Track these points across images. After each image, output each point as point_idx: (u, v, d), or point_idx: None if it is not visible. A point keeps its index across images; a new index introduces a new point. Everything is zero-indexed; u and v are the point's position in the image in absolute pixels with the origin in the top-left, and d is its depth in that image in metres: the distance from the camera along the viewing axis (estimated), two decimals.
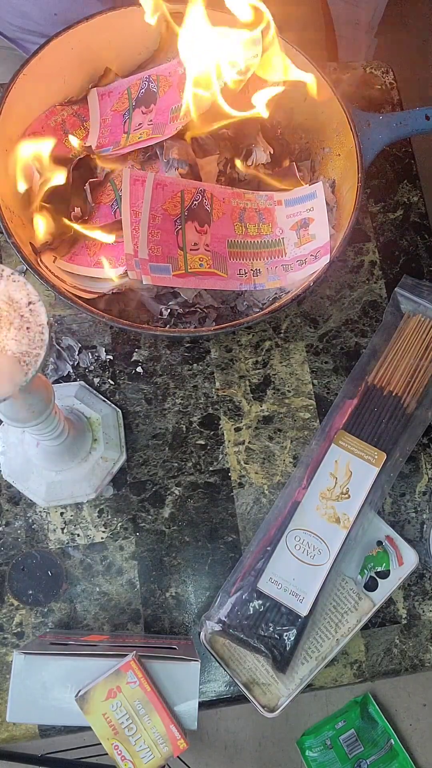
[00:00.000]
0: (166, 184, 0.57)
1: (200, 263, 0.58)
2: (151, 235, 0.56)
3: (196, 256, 0.58)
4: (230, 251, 0.60)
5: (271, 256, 0.61)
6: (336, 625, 0.55)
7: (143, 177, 0.57)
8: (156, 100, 0.61)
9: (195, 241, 0.58)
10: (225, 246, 0.60)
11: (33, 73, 0.57)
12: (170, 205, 0.58)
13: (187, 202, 0.58)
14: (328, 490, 0.55)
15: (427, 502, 0.61)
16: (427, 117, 0.60)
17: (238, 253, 0.60)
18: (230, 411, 0.62)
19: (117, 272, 0.56)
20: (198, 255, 0.58)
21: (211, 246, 0.59)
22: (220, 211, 0.60)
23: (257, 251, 0.61)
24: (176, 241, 0.58)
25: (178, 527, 0.59)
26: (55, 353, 0.62)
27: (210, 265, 0.58)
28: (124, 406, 0.61)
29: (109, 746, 0.45)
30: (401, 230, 0.69)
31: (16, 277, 0.35)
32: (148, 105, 0.62)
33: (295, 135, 0.66)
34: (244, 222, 0.61)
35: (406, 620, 0.58)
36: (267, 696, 0.53)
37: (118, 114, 0.63)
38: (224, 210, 0.60)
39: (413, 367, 0.59)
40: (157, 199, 0.57)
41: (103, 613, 0.57)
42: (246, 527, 0.59)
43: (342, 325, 0.65)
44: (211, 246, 0.59)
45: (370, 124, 0.60)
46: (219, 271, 0.59)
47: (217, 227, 0.60)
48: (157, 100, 0.61)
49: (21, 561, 0.57)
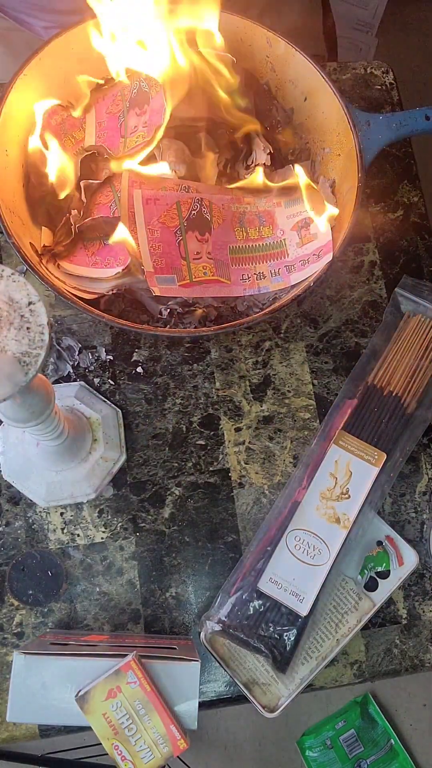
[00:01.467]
0: (158, 198, 0.57)
1: (204, 272, 0.58)
2: (152, 248, 0.56)
3: (200, 264, 0.58)
4: (232, 257, 0.60)
5: (273, 257, 0.61)
6: (336, 625, 0.55)
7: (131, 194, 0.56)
8: (149, 100, 0.61)
9: (197, 250, 0.59)
10: (226, 252, 0.60)
11: (33, 73, 0.57)
12: (167, 218, 0.58)
13: (185, 212, 0.58)
14: (328, 490, 0.55)
15: (427, 502, 0.61)
16: (427, 117, 0.60)
17: (240, 258, 0.60)
18: (230, 411, 0.62)
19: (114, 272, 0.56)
20: (201, 264, 0.58)
21: (213, 254, 0.59)
22: (220, 217, 0.60)
23: (259, 254, 0.61)
24: (179, 252, 0.58)
25: (178, 527, 0.59)
26: (56, 353, 0.62)
27: (213, 273, 0.58)
28: (124, 406, 0.61)
29: (109, 746, 0.45)
30: (401, 230, 0.69)
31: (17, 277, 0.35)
32: (141, 106, 0.61)
33: (295, 135, 0.66)
34: (244, 226, 0.61)
35: (406, 620, 0.58)
36: (267, 696, 0.53)
37: (114, 117, 0.62)
38: (224, 216, 0.60)
39: (413, 367, 0.59)
40: (151, 213, 0.57)
41: (103, 613, 0.57)
42: (246, 527, 0.59)
43: (342, 325, 0.65)
44: (213, 254, 0.59)
45: (370, 124, 0.60)
46: (222, 278, 0.59)
47: (218, 234, 0.60)
48: (150, 100, 0.61)
49: (21, 561, 0.57)
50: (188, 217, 0.58)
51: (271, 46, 0.61)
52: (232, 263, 0.60)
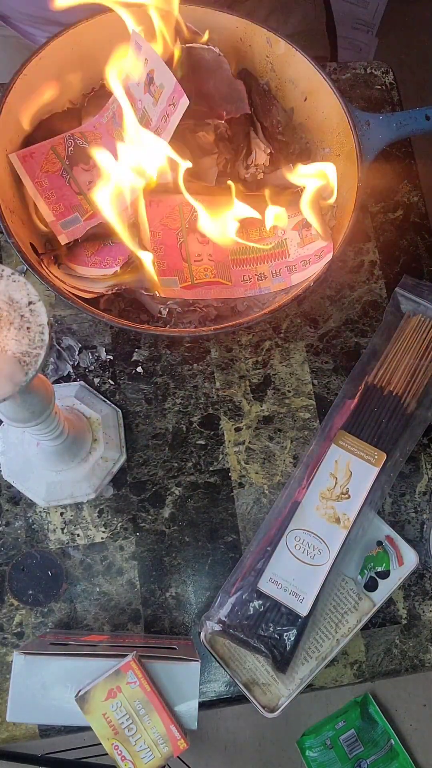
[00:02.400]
0: (161, 201, 0.57)
1: (205, 273, 0.58)
2: (155, 250, 0.56)
3: (201, 266, 0.58)
4: (233, 259, 0.60)
5: (274, 258, 0.61)
6: (336, 625, 0.55)
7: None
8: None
9: (198, 252, 0.59)
10: (227, 254, 0.60)
11: (33, 73, 0.57)
12: (169, 220, 0.58)
13: (187, 214, 0.58)
14: (328, 490, 0.55)
15: (427, 502, 0.61)
16: (427, 117, 0.60)
17: (241, 260, 0.60)
18: (230, 411, 0.62)
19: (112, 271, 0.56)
20: (202, 266, 0.58)
21: (213, 255, 0.59)
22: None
23: (260, 255, 0.61)
24: (180, 254, 0.58)
25: (178, 527, 0.59)
26: (56, 353, 0.62)
27: (214, 275, 0.58)
28: (124, 406, 0.61)
29: (109, 746, 0.45)
30: (401, 230, 0.69)
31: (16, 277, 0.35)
32: (86, 161, 0.60)
33: (295, 135, 0.66)
34: (245, 227, 0.61)
35: (406, 620, 0.58)
36: (267, 696, 0.53)
37: (54, 175, 0.59)
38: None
39: (413, 367, 0.59)
40: (153, 215, 0.57)
41: (103, 613, 0.57)
42: (246, 527, 0.59)
43: (342, 325, 0.65)
44: (214, 255, 0.59)
45: (370, 124, 0.59)
46: (223, 279, 0.59)
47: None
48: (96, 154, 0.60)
49: (21, 561, 0.57)
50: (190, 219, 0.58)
51: (271, 46, 0.61)
52: (233, 264, 0.60)
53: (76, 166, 0.60)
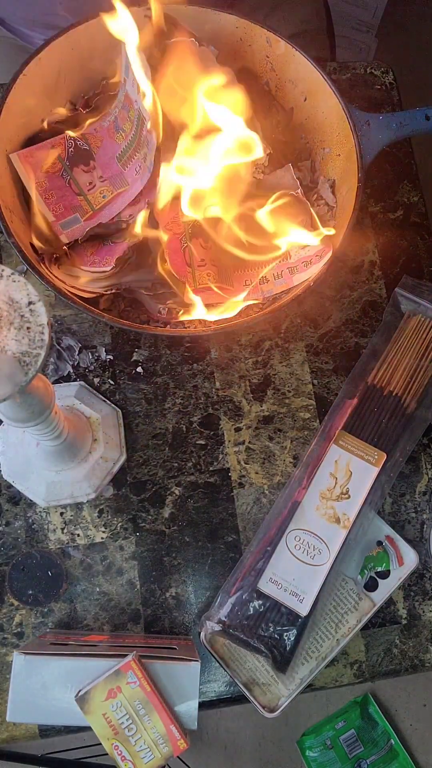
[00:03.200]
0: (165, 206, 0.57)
1: (208, 278, 0.58)
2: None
3: (204, 271, 0.58)
4: (234, 264, 0.60)
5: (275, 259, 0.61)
6: (336, 625, 0.55)
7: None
8: (93, 156, 0.60)
9: (202, 257, 0.59)
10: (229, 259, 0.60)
11: (33, 73, 0.57)
12: (173, 225, 0.57)
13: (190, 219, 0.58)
14: (328, 490, 0.55)
15: (427, 502, 0.61)
16: (427, 117, 0.60)
17: (243, 264, 0.60)
18: (230, 411, 0.62)
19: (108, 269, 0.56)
20: (206, 271, 0.58)
21: (216, 260, 0.59)
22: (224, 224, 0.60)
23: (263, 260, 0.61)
24: (184, 259, 0.58)
25: (178, 527, 0.59)
26: (56, 353, 0.62)
27: (216, 280, 0.58)
28: (124, 406, 0.61)
29: (109, 746, 0.45)
30: (401, 230, 0.69)
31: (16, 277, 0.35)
32: (87, 162, 0.60)
33: (295, 135, 0.66)
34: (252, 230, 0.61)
35: (406, 620, 0.58)
36: (267, 696, 0.53)
37: (54, 176, 0.59)
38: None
39: (413, 367, 0.59)
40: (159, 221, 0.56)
41: (103, 613, 0.57)
42: (246, 527, 0.59)
43: (342, 325, 0.65)
44: (216, 260, 0.59)
45: (370, 124, 0.59)
46: (225, 284, 0.59)
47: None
48: (95, 155, 0.60)
49: (21, 561, 0.57)
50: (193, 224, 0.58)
51: (271, 46, 0.61)
52: (234, 269, 0.60)
53: (76, 166, 0.60)
